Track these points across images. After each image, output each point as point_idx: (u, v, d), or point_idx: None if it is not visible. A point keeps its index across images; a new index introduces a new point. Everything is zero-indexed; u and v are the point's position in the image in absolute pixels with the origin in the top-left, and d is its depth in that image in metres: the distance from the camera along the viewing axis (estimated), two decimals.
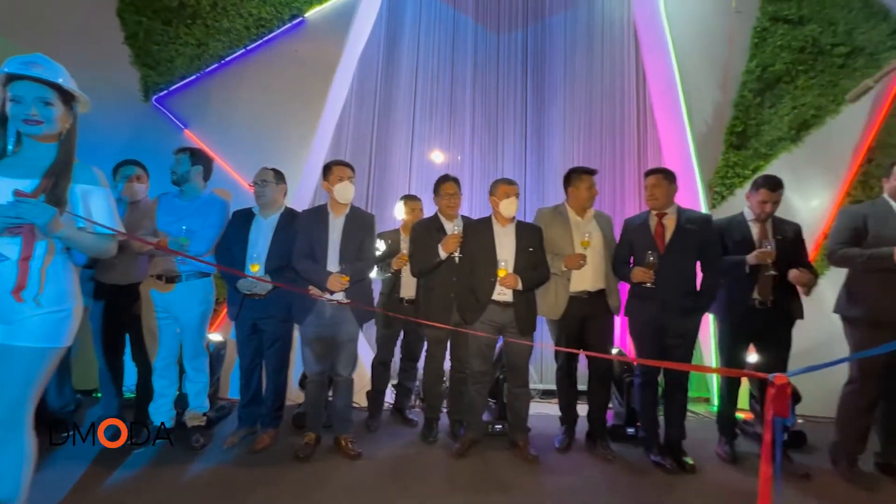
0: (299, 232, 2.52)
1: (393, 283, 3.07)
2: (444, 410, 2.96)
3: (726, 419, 2.71)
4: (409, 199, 3.26)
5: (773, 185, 2.56)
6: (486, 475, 2.35)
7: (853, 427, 2.40)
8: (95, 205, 1.52)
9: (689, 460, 2.50)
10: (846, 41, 3.77)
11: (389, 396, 3.39)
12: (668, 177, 2.58)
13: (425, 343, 3.01)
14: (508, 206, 2.55)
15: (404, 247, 2.98)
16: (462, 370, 2.79)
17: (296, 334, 2.66)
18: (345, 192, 2.48)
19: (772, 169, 3.61)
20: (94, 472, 2.17)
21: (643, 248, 2.51)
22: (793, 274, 2.44)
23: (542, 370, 3.91)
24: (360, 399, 3.27)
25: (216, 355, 3.01)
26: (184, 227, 2.40)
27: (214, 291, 2.64)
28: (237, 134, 3.58)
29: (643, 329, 2.57)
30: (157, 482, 2.14)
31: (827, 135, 3.72)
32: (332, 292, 2.39)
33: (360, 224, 2.54)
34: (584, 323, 2.67)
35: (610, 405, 2.81)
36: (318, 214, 2.56)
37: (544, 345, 2.95)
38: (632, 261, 2.64)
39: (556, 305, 2.66)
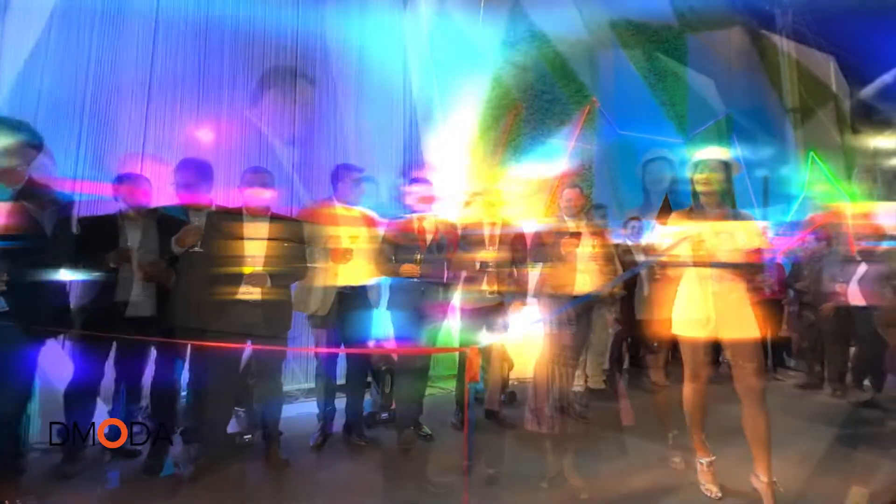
0: None
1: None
2: (179, 431, 2.54)
3: (460, 393, 3.18)
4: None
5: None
6: (223, 495, 2.10)
7: (542, 382, 3.15)
8: None
9: (427, 430, 2.84)
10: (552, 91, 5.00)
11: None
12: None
13: (153, 356, 2.51)
14: (257, 197, 2.36)
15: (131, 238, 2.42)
16: (203, 382, 2.44)
17: None
18: None
19: None
20: None
21: (409, 247, 2.73)
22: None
23: (308, 368, 3.79)
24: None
25: None
26: None
27: None
28: None
29: (408, 319, 2.76)
30: None
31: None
32: None
33: (33, 202, 1.90)
34: (344, 317, 2.71)
35: (368, 394, 2.94)
36: None
37: (291, 349, 2.82)
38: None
39: (320, 301, 2.65)
